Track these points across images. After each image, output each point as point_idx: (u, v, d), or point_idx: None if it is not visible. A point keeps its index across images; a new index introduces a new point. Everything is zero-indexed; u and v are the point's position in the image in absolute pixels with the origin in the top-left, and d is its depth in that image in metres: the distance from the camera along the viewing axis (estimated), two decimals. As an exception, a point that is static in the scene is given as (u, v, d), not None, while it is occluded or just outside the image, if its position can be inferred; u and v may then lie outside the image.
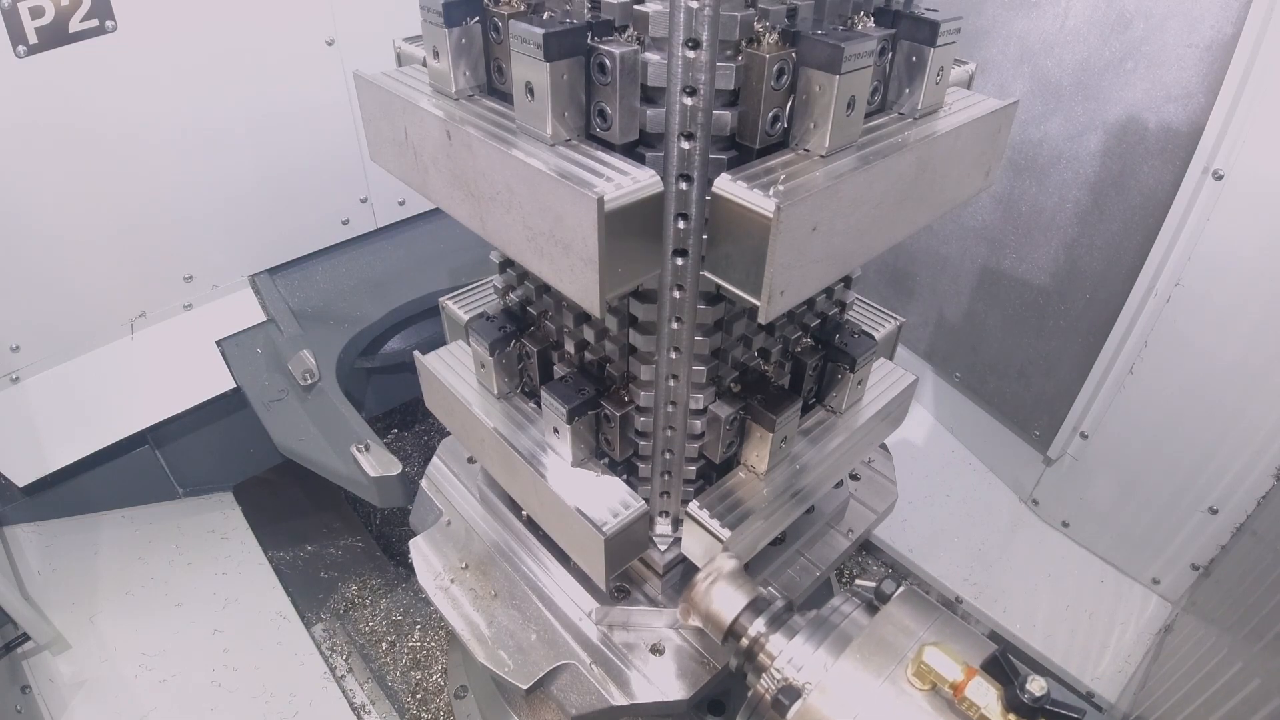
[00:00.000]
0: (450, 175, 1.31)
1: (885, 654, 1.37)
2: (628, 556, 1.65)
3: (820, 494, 1.81)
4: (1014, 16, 2.66)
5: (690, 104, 1.13)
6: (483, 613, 1.87)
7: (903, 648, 1.38)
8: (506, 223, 1.24)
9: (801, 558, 2.00)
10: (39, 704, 2.37)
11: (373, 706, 2.75)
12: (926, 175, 1.31)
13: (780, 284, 1.10)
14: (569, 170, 1.10)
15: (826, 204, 1.11)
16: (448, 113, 1.28)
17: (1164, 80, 2.38)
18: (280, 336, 3.02)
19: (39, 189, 2.53)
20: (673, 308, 1.36)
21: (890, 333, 1.93)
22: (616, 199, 1.06)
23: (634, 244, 1.14)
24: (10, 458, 2.70)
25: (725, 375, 1.54)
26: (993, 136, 1.44)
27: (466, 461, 2.22)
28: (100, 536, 2.95)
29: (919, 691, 1.30)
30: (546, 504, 1.66)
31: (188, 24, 2.58)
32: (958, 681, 1.27)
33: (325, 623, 3.07)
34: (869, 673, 1.35)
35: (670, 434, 1.57)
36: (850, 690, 1.34)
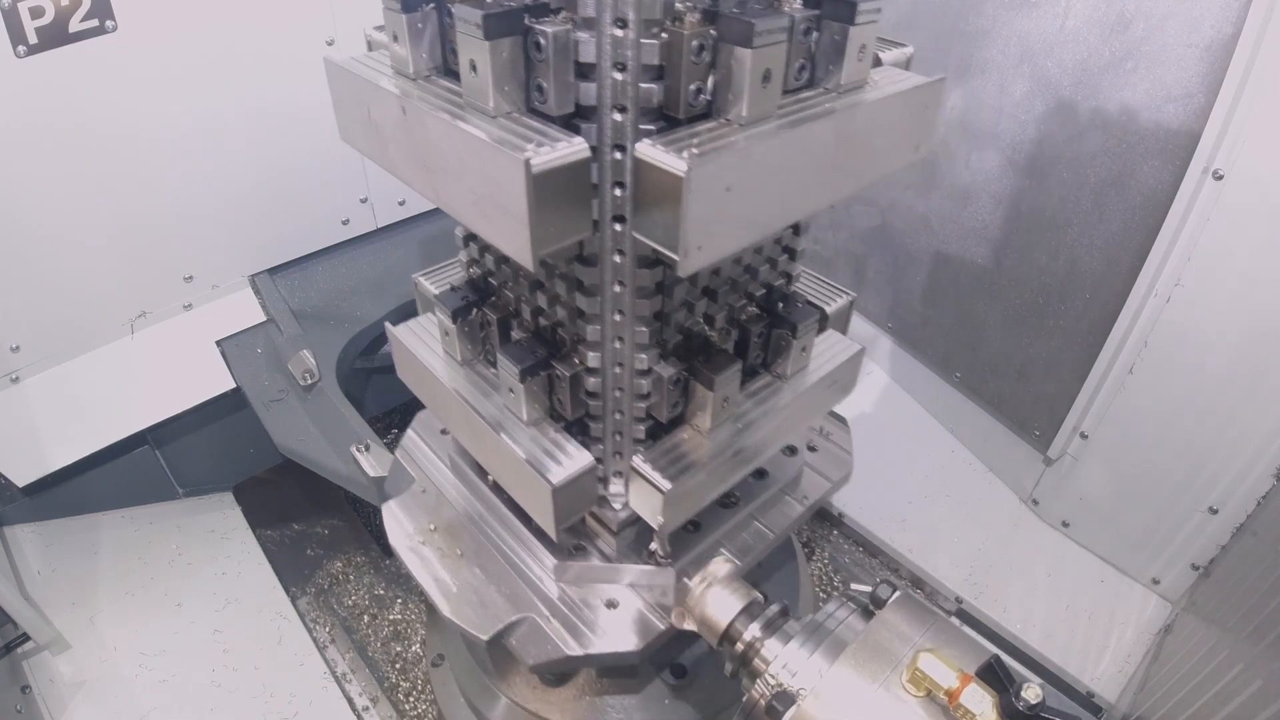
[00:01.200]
0: (408, 149, 1.43)
1: (880, 660, 1.36)
2: (577, 509, 1.73)
3: (766, 454, 1.89)
4: (1014, 16, 2.66)
5: (619, 79, 1.24)
6: (449, 571, 1.99)
7: (898, 654, 1.37)
8: (456, 190, 1.35)
9: (755, 522, 2.09)
10: (39, 704, 2.38)
11: (353, 675, 2.81)
12: (847, 145, 1.41)
13: (696, 240, 1.20)
14: (505, 138, 1.21)
15: (739, 165, 1.21)
16: (404, 90, 1.40)
17: (1164, 80, 2.38)
18: (280, 336, 3.02)
19: (39, 189, 2.53)
20: (614, 272, 1.46)
21: (842, 307, 2.01)
22: (544, 163, 1.17)
23: (563, 205, 1.25)
24: (10, 458, 2.70)
25: (669, 338, 1.63)
26: (920, 112, 1.53)
27: (440, 433, 2.32)
28: (100, 536, 2.95)
29: (914, 698, 1.30)
30: (503, 460, 1.76)
31: (188, 24, 2.58)
32: (952, 688, 1.27)
33: (309, 597, 3.12)
34: (864, 679, 1.35)
35: (619, 394, 1.67)
36: (844, 696, 1.34)
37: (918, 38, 2.93)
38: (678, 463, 1.65)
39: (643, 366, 1.60)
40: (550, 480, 1.60)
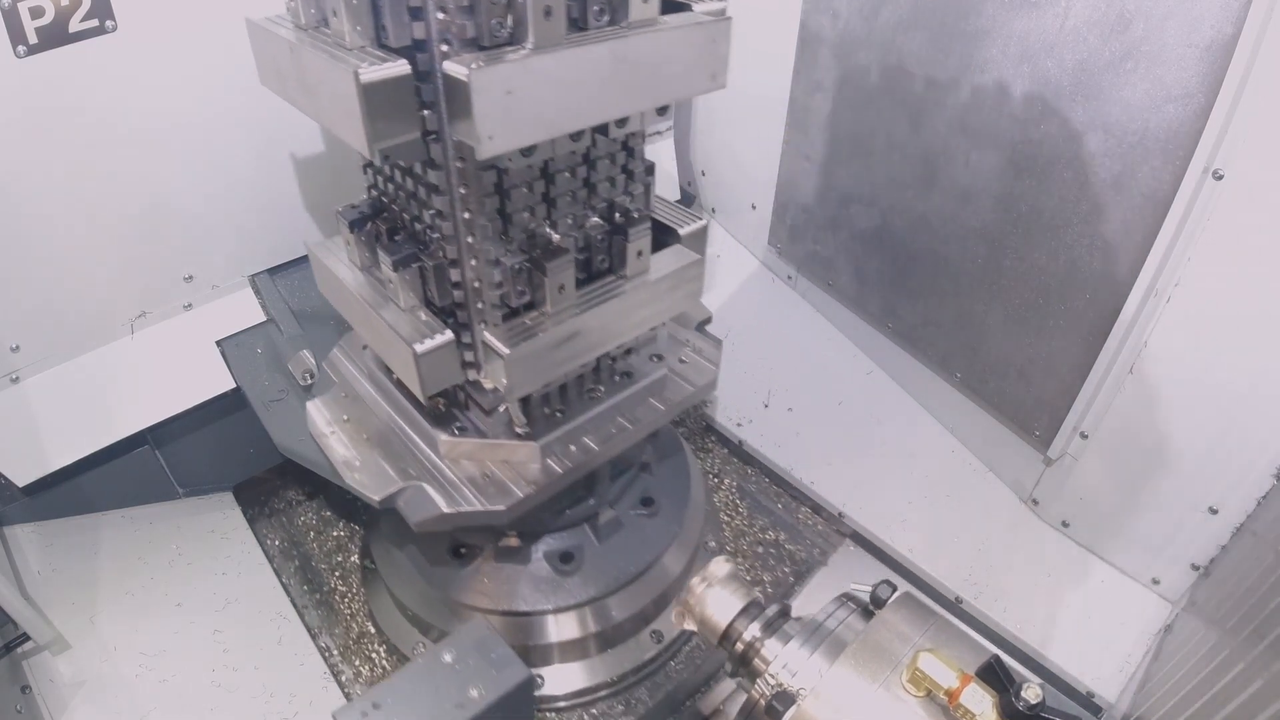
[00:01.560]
0: (298, 80, 1.84)
1: (880, 660, 1.37)
2: (441, 378, 2.10)
3: (608, 342, 2.23)
4: (1014, 16, 2.65)
5: (442, 18, 1.62)
6: (356, 451, 2.41)
7: (898, 654, 1.38)
8: (327, 106, 1.75)
9: (619, 417, 2.45)
10: (39, 704, 2.38)
11: (294, 580, 3.16)
12: (628, 67, 1.76)
13: (487, 131, 1.58)
14: (351, 62, 1.60)
15: (515, 75, 1.58)
16: (294, 36, 1.82)
17: (1164, 80, 2.38)
18: (280, 336, 3.02)
19: (39, 189, 2.53)
20: (459, 176, 1.86)
21: (694, 230, 2.39)
22: (370, 75, 1.58)
23: (390, 108, 1.64)
24: (10, 458, 2.70)
25: (515, 237, 2.01)
26: (708, 44, 1.88)
27: (361, 349, 2.67)
28: (100, 536, 2.95)
29: (914, 698, 1.32)
30: (386, 341, 2.14)
31: (188, 24, 2.58)
32: (952, 688, 1.27)
33: (263, 521, 3.41)
34: (864, 679, 1.35)
35: (477, 284, 2.02)
36: (844, 696, 1.34)
37: (917, 38, 2.93)
38: (519, 334, 2.02)
39: (491, 258, 1.97)
40: (415, 350, 1.99)
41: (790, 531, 3.39)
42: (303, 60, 1.76)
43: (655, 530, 2.80)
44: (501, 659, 1.80)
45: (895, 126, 3.17)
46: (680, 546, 2.84)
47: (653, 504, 2.86)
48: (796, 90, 3.52)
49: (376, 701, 1.71)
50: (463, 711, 1.69)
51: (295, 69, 1.81)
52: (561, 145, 1.96)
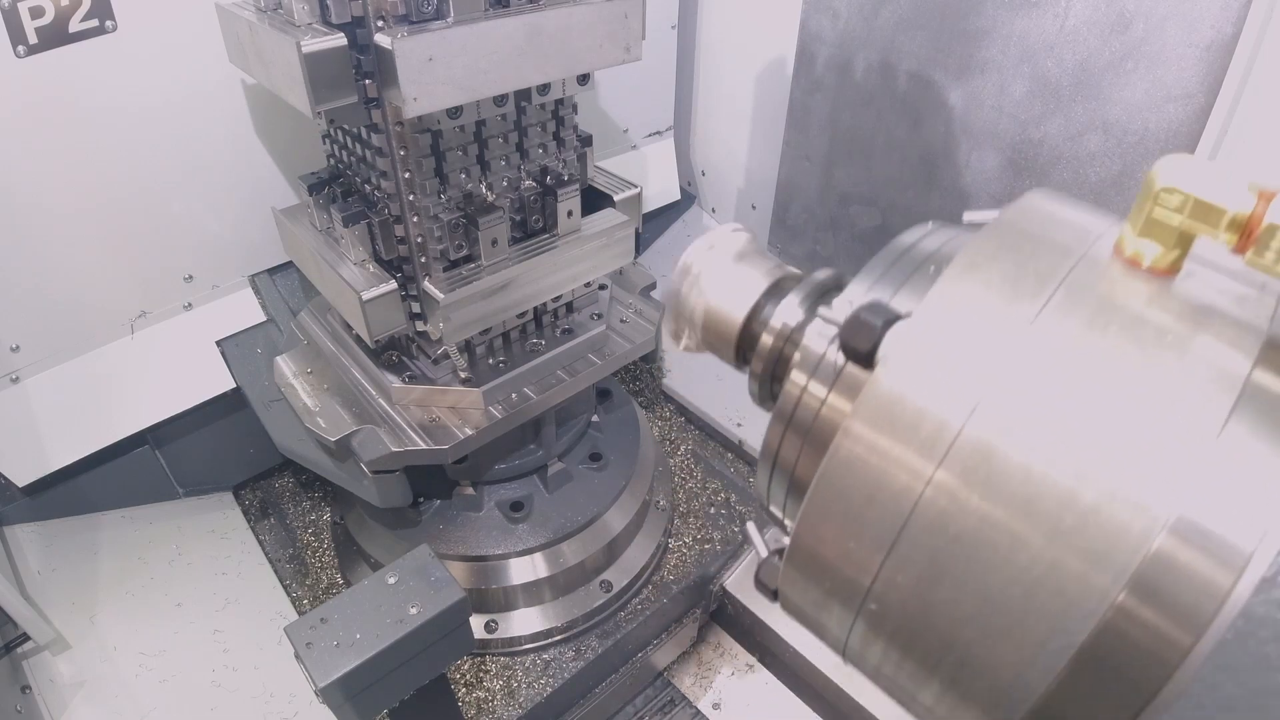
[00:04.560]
0: (256, 55, 2.11)
1: (1035, 259, 0.80)
2: (387, 323, 2.30)
3: (540, 295, 2.45)
4: (1014, 16, 2.65)
5: None
6: (317, 399, 2.59)
7: (1063, 244, 0.83)
8: (277, 75, 2.01)
9: (559, 370, 2.63)
10: (39, 704, 2.39)
11: (269, 535, 3.30)
12: (543, 39, 1.99)
13: (411, 93, 1.82)
14: (297, 36, 1.85)
15: (434, 43, 1.82)
16: (254, 17, 2.07)
17: (1164, 80, 2.37)
18: (280, 336, 3.02)
19: (39, 189, 2.53)
20: (398, 139, 2.08)
21: (629, 196, 2.65)
22: (311, 46, 1.83)
23: (329, 75, 1.88)
24: (10, 458, 2.71)
25: (454, 197, 2.24)
26: (620, 19, 2.11)
27: (326, 313, 2.86)
28: (100, 536, 2.96)
29: (1139, 275, 0.76)
30: (339, 292, 2.34)
31: (188, 24, 2.58)
32: (1246, 214, 0.69)
33: (247, 491, 3.51)
34: (1018, 279, 0.78)
35: (420, 239, 2.24)
36: (994, 301, 0.77)
37: (917, 38, 2.92)
38: (455, 283, 2.24)
39: (431, 214, 2.20)
40: (362, 296, 2.20)
41: (741, 494, 3.45)
42: (259, 37, 2.03)
43: (603, 483, 2.95)
44: (440, 581, 1.94)
45: (895, 126, 3.16)
46: (628, 500, 2.98)
47: (601, 459, 3.00)
48: (796, 90, 3.51)
49: (324, 616, 1.88)
50: (401, 626, 1.84)
51: (253, 45, 2.10)
52: (488, 109, 2.16)
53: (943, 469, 0.72)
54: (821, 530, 0.81)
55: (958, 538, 0.71)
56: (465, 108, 2.09)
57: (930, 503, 0.73)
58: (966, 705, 0.76)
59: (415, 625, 1.84)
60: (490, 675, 2.77)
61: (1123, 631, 0.64)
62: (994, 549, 0.69)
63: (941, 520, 0.72)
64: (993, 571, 0.70)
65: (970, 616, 0.71)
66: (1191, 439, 0.65)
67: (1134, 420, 0.67)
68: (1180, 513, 0.62)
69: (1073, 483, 0.67)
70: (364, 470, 2.55)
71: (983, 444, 0.71)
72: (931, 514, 0.72)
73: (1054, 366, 0.71)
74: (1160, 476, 0.64)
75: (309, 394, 2.61)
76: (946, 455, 0.72)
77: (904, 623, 0.77)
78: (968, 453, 0.71)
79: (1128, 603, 0.63)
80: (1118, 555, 0.63)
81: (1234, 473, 0.63)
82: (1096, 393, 0.70)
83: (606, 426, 3.16)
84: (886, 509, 0.75)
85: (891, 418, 0.75)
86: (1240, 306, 0.73)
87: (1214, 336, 0.70)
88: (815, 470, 0.81)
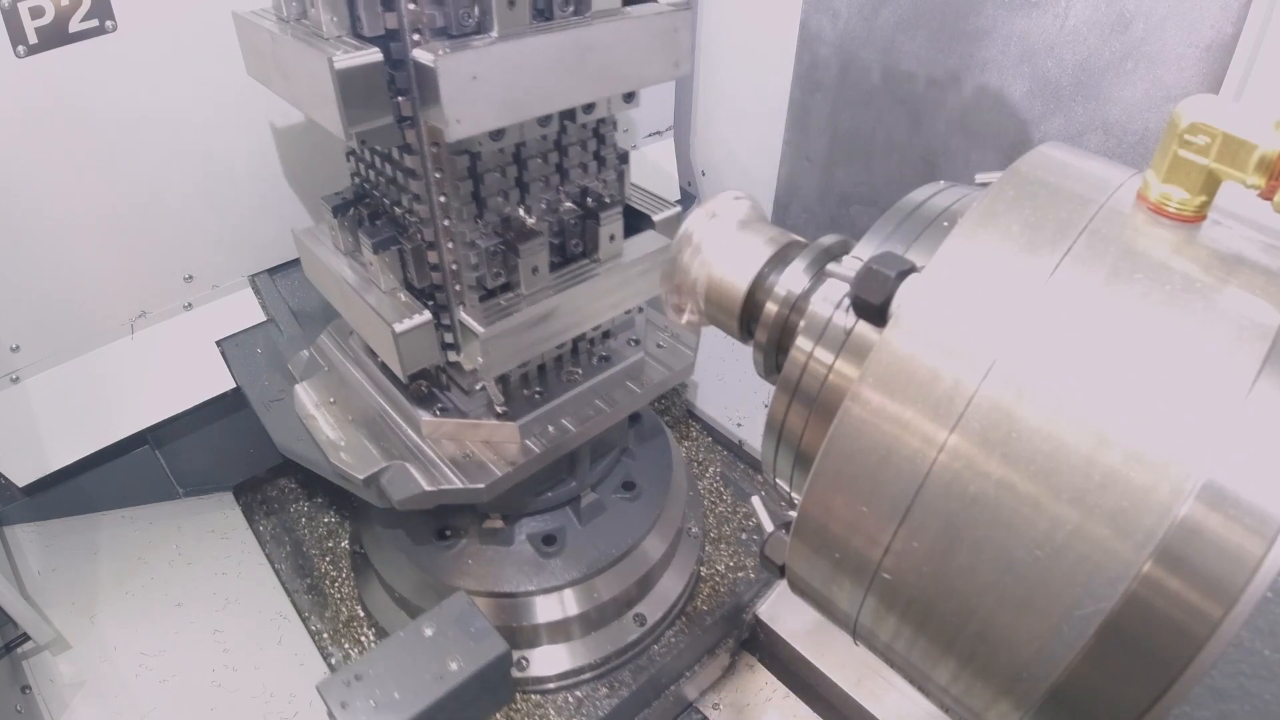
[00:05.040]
0: (278, 68, 1.95)
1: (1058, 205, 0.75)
2: (420, 358, 2.17)
3: (583, 323, 2.31)
4: (1014, 16, 2.66)
5: (413, 9, 1.71)
6: (342, 432, 2.46)
7: (1080, 194, 0.78)
8: (303, 91, 1.85)
9: (596, 399, 2.50)
10: (39, 704, 2.37)
11: (285, 567, 3.16)
12: (591, 55, 1.84)
13: (455, 114, 1.66)
14: (327, 50, 1.69)
15: (480, 60, 1.66)
16: (276, 27, 1.92)
17: (1164, 80, 2.38)
18: (280, 336, 3.02)
19: (39, 189, 2.53)
20: (434, 160, 1.93)
21: (668, 216, 2.48)
22: (343, 62, 1.66)
23: (364, 94, 1.72)
24: (10, 458, 2.69)
25: (491, 221, 2.09)
26: (670, 34, 1.97)
27: (348, 335, 2.75)
28: (100, 536, 2.95)
29: (1163, 223, 0.72)
30: (367, 321, 2.22)
31: (188, 24, 2.58)
32: (1275, 153, 0.67)
33: (261, 518, 3.39)
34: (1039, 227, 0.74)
35: (454, 266, 2.09)
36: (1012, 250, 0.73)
37: (917, 38, 2.93)
38: (494, 314, 2.09)
39: (467, 240, 2.05)
40: (395, 329, 2.06)
41: (773, 518, 3.33)
42: (283, 50, 1.87)
43: (637, 513, 2.82)
44: (480, 632, 1.84)
45: (895, 126, 3.17)
46: (662, 530, 2.86)
47: (634, 488, 2.87)
48: (796, 90, 3.52)
49: (359, 673, 1.78)
50: (442, 683, 1.74)
51: (276, 58, 1.93)
52: (531, 130, 2.03)
53: (958, 432, 0.69)
54: (830, 500, 0.79)
55: (975, 500, 0.68)
56: (508, 129, 1.97)
57: (945, 468, 0.70)
58: (984, 683, 0.74)
59: (457, 682, 1.74)
60: (521, 715, 2.66)
61: (1149, 603, 0.62)
62: (1014, 513, 0.67)
63: (958, 484, 0.69)
64: (1013, 536, 0.67)
65: (989, 585, 0.69)
66: (1220, 398, 0.63)
67: (1159, 378, 0.65)
68: (1208, 477, 0.61)
69: (1095, 446, 0.65)
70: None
71: (1001, 405, 0.68)
72: (947, 478, 0.70)
73: (1075, 321, 0.69)
74: (1187, 439, 0.62)
75: (333, 426, 2.48)
76: (962, 417, 0.69)
77: (918, 594, 0.74)
78: (985, 414, 0.69)
79: (1154, 573, 0.62)
80: (1143, 523, 0.62)
81: (1264, 434, 0.61)
82: (1119, 348, 0.67)
83: (638, 452, 3.05)
84: (899, 474, 0.72)
85: (903, 379, 0.72)
86: (1269, 255, 0.72)
87: (1242, 286, 0.68)
88: (822, 441, 0.78)
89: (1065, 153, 0.87)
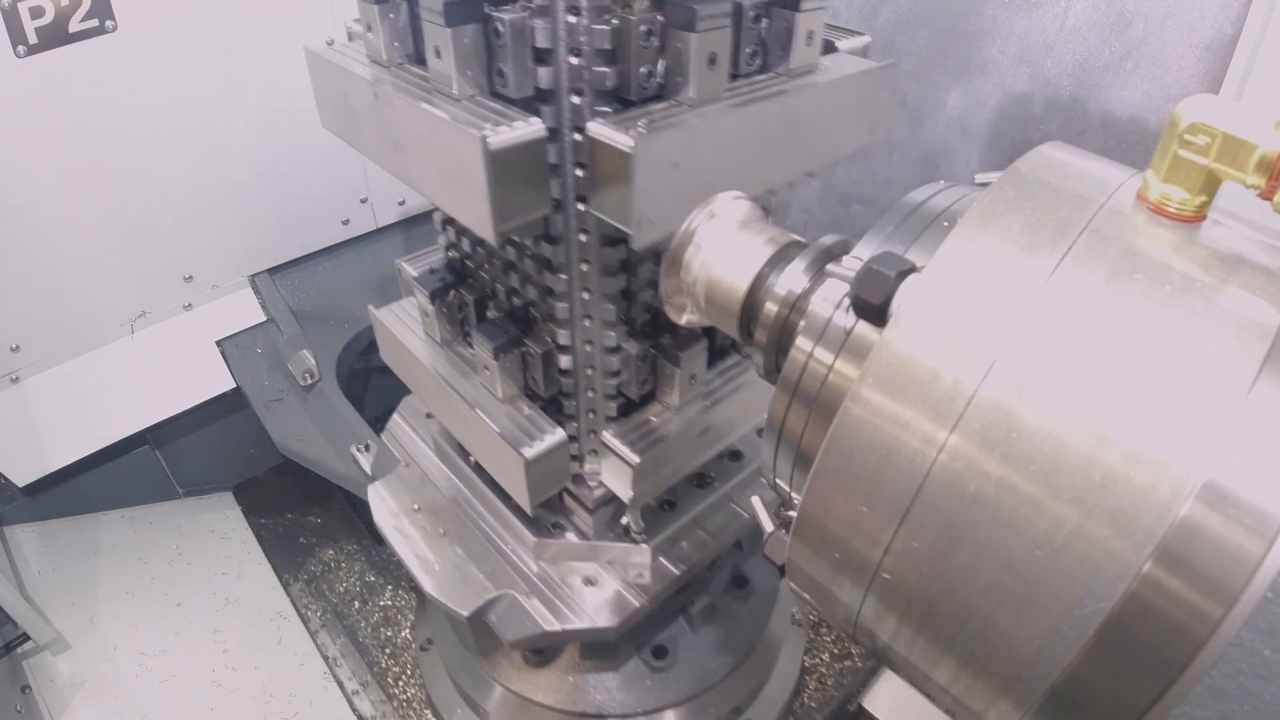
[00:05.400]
0: (380, 131, 1.50)
1: (1057, 205, 0.75)
2: (550, 484, 1.79)
3: (737, 432, 1.93)
4: (1014, 16, 2.66)
5: (575, 63, 1.31)
6: (433, 549, 2.04)
7: (1081, 195, 0.77)
8: (424, 169, 1.43)
9: (731, 503, 2.12)
10: (39, 704, 2.37)
11: (344, 660, 2.80)
12: (796, 125, 1.47)
13: (647, 213, 1.28)
14: (466, 119, 1.27)
15: (686, 143, 1.28)
16: (376, 76, 1.47)
17: (1164, 80, 2.38)
18: (280, 336, 3.02)
19: (39, 189, 2.53)
20: (580, 250, 1.52)
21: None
22: (501, 141, 1.23)
23: (521, 183, 1.31)
24: (10, 458, 2.69)
25: (637, 316, 1.67)
26: (871, 95, 1.61)
27: (425, 417, 2.36)
28: (100, 536, 2.95)
29: (1163, 223, 0.72)
30: (480, 437, 1.82)
31: (188, 24, 2.58)
32: (1275, 153, 0.67)
33: (300, 584, 3.09)
34: (1039, 227, 0.74)
35: (590, 372, 1.71)
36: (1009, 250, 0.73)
37: (917, 37, 2.93)
38: (647, 437, 1.70)
39: (611, 344, 1.64)
40: (524, 455, 1.67)
41: None
42: (392, 110, 1.43)
43: (750, 613, 2.45)
44: None
45: (895, 127, 3.17)
46: (774, 626, 2.51)
47: (746, 584, 2.48)
48: (796, 91, 3.52)
49: None
50: None
51: (380, 120, 1.48)
52: None
53: (958, 432, 0.69)
54: (830, 500, 0.79)
55: (975, 500, 0.68)
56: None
57: (945, 467, 0.70)
58: (983, 683, 0.74)
59: None
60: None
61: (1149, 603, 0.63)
62: (1014, 513, 0.67)
63: (958, 484, 0.69)
64: (1013, 536, 0.67)
65: (989, 585, 0.69)
66: (1219, 398, 0.63)
67: (1159, 378, 0.65)
68: (1208, 477, 0.61)
69: (1095, 446, 0.65)
70: (362, 470, 2.55)
71: (1001, 405, 0.68)
72: (947, 478, 0.70)
73: (1075, 321, 0.69)
74: (1187, 439, 0.62)
75: (420, 540, 2.07)
76: (962, 417, 0.69)
77: (919, 594, 0.74)
78: (985, 414, 0.68)
79: (1154, 573, 0.62)
80: (1143, 523, 0.62)
81: (1264, 434, 0.61)
82: (1119, 348, 0.67)
83: (744, 540, 2.55)
84: (899, 474, 0.72)
85: (904, 379, 0.72)
86: (1269, 255, 0.72)
87: (1242, 286, 0.68)
88: (822, 441, 0.78)
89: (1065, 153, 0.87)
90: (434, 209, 1.88)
